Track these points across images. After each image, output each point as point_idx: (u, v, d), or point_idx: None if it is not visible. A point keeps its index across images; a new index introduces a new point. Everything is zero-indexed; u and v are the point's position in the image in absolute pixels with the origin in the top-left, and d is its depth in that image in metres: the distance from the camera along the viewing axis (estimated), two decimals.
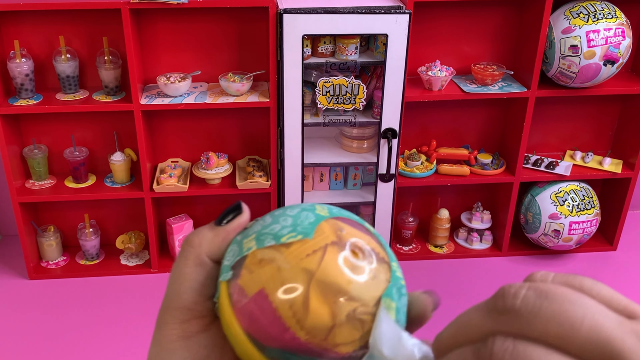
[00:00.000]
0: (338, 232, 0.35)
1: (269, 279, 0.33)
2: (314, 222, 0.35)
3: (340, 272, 0.33)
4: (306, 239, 0.34)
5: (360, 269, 0.33)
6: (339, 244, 0.34)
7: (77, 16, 2.17)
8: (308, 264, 0.33)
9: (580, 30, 2.11)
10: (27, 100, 2.17)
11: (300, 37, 2.03)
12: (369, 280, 0.33)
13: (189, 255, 0.36)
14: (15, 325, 2.20)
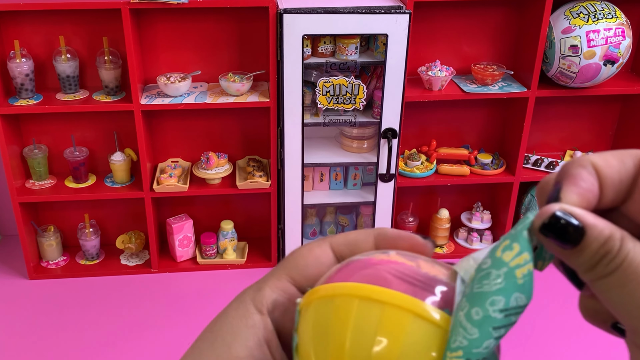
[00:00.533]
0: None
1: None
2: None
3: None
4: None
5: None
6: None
7: (77, 16, 2.17)
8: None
9: (580, 30, 2.11)
10: (27, 100, 2.17)
11: (300, 37, 2.03)
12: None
13: (258, 321, 0.33)
14: (15, 325, 2.20)
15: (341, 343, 0.30)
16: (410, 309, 0.30)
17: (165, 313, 2.26)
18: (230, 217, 2.55)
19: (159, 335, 2.16)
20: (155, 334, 2.16)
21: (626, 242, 0.27)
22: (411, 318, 0.29)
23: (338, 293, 0.31)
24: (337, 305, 0.31)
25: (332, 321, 0.31)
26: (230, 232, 2.47)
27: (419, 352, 0.29)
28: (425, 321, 0.29)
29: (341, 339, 0.30)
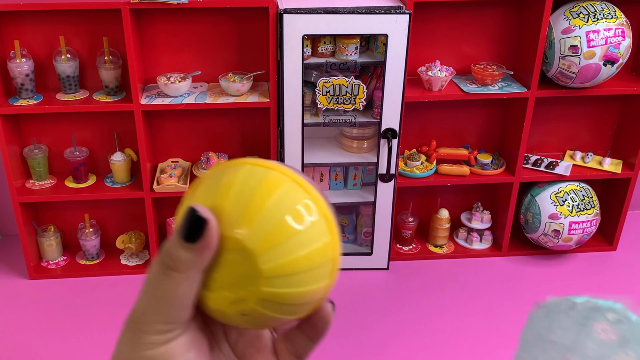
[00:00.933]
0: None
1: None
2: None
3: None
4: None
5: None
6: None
7: (78, 16, 2.17)
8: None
9: (580, 31, 2.11)
10: (28, 100, 2.17)
11: (300, 37, 2.03)
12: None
13: (178, 279, 0.35)
14: (16, 325, 2.20)
15: (229, 184, 0.36)
16: (291, 176, 0.38)
17: None
18: None
19: None
20: None
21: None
22: (289, 181, 0.38)
23: (230, 164, 0.39)
24: (228, 166, 0.38)
25: (225, 174, 0.37)
26: None
27: (290, 201, 0.36)
28: (301, 188, 0.37)
29: (230, 182, 0.36)
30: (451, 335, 2.17)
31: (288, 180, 0.37)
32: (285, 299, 0.36)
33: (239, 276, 0.36)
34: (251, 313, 0.37)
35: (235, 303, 0.36)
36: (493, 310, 2.30)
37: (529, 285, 2.45)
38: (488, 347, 2.13)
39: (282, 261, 0.35)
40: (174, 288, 0.35)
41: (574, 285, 2.45)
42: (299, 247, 0.36)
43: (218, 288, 0.36)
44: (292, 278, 0.36)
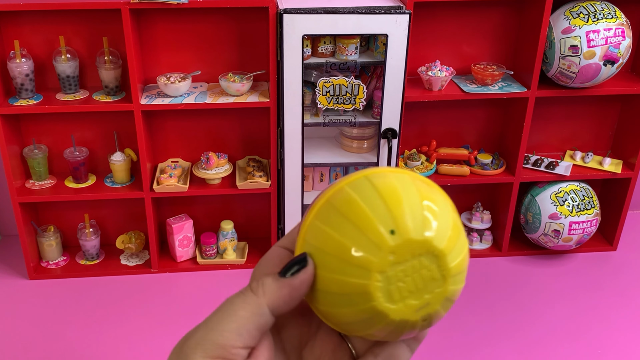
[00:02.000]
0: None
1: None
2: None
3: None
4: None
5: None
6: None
7: (77, 16, 2.17)
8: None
9: (580, 31, 2.11)
10: (27, 100, 2.17)
11: (300, 37, 2.03)
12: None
13: (250, 301, 0.35)
14: (15, 325, 2.20)
15: (392, 194, 0.38)
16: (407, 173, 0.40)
17: (165, 313, 2.26)
18: (230, 217, 2.55)
19: (158, 335, 2.16)
20: (155, 334, 2.16)
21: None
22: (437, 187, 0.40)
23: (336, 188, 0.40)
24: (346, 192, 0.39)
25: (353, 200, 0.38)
26: (230, 232, 2.47)
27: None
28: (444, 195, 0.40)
29: (392, 191, 0.38)
30: (451, 335, 2.17)
31: (436, 186, 0.40)
32: (457, 294, 0.38)
33: (426, 280, 0.37)
34: (431, 316, 0.38)
35: (421, 309, 0.37)
36: (493, 310, 2.30)
37: (529, 285, 2.44)
38: (487, 346, 2.13)
39: (460, 258, 0.38)
40: (242, 306, 0.35)
41: (574, 285, 2.45)
42: (464, 246, 0.38)
43: (404, 298, 0.37)
44: (462, 275, 0.38)
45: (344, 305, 0.37)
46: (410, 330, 0.38)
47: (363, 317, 0.37)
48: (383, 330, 0.38)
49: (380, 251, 0.36)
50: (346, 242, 0.36)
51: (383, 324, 0.37)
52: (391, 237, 0.36)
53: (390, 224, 0.36)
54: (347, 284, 0.36)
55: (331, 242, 0.37)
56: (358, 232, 0.36)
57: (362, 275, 0.36)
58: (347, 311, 0.37)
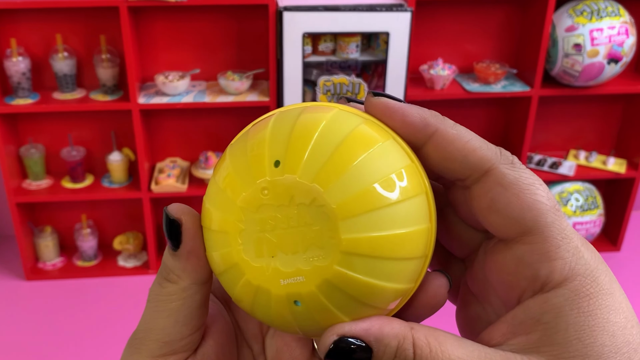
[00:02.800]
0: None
1: None
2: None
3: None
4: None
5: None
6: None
7: (75, 14, 2.15)
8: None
9: (583, 29, 2.09)
10: (24, 99, 2.15)
11: (300, 35, 2.01)
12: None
13: (172, 290, 0.30)
14: (12, 327, 2.17)
15: (311, 126, 0.28)
16: (391, 134, 0.30)
17: None
18: None
19: None
20: None
21: (418, 344, 0.26)
22: (390, 139, 0.29)
23: (315, 104, 0.31)
24: (312, 105, 0.30)
25: (306, 112, 0.29)
26: None
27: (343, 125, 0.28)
28: (403, 151, 0.29)
29: (312, 123, 0.28)
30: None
31: (388, 138, 0.29)
32: (356, 288, 0.26)
33: (304, 244, 0.26)
34: (306, 301, 0.27)
35: (288, 282, 0.27)
36: None
37: None
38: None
39: (365, 236, 0.26)
40: (167, 300, 0.30)
41: None
42: (388, 224, 0.26)
43: (267, 255, 0.27)
44: (372, 262, 0.26)
45: (231, 283, 0.29)
46: (268, 313, 0.28)
47: (251, 298, 0.28)
48: (246, 299, 0.28)
49: (253, 181, 0.27)
50: (229, 169, 0.28)
51: (241, 285, 0.28)
52: (272, 168, 0.27)
53: (280, 154, 0.27)
54: (217, 258, 0.29)
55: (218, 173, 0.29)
56: (244, 160, 0.28)
57: (228, 209, 0.28)
58: (238, 294, 0.29)
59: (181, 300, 0.30)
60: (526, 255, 0.27)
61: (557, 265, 0.26)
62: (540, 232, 0.26)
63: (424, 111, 0.29)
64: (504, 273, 0.28)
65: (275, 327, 0.29)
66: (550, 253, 0.26)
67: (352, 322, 0.27)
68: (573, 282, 0.26)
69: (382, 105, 0.29)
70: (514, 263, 0.27)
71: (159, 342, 0.30)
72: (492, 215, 0.27)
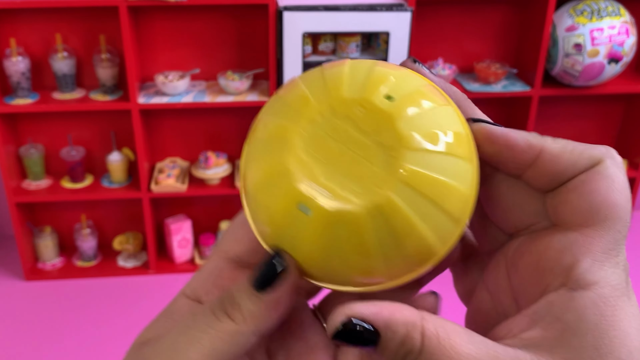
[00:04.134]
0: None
1: None
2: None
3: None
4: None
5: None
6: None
7: (74, 14, 2.14)
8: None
9: (584, 29, 2.09)
10: (24, 99, 2.14)
11: (300, 35, 2.00)
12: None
13: (225, 328, 0.27)
14: (11, 327, 2.17)
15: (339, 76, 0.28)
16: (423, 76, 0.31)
17: None
18: (229, 217, 2.52)
19: None
20: None
21: (427, 334, 0.25)
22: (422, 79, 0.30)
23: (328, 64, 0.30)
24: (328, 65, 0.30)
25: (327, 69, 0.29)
26: None
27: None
28: (436, 90, 0.30)
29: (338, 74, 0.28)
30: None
31: (452, 104, 0.30)
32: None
33: (365, 156, 0.26)
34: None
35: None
36: None
37: None
38: None
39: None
40: (218, 338, 0.27)
41: None
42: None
43: (336, 179, 0.26)
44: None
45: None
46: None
47: (274, 175, 0.26)
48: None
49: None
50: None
51: (285, 193, 0.26)
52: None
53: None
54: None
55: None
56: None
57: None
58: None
59: (230, 344, 0.27)
60: (576, 244, 0.26)
61: (596, 267, 0.26)
62: (605, 230, 0.26)
63: (526, 133, 0.29)
64: (539, 260, 0.27)
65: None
66: (598, 253, 0.26)
67: (362, 303, 0.26)
68: (604, 288, 0.25)
69: (484, 130, 0.29)
70: (557, 249, 0.27)
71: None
72: (573, 196, 0.27)
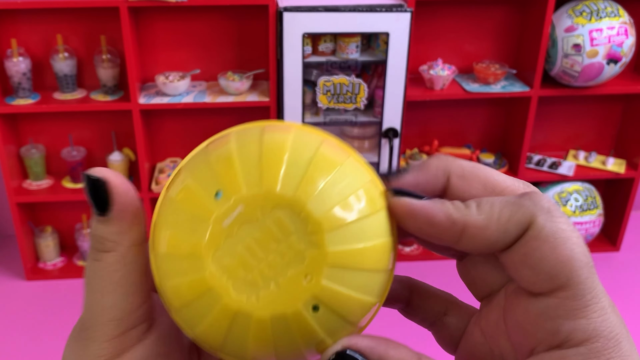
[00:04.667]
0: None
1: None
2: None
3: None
4: None
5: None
6: None
7: (75, 14, 2.15)
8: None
9: (583, 29, 2.09)
10: (25, 100, 2.15)
11: (300, 35, 2.01)
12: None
13: (111, 260, 0.27)
14: (12, 327, 2.17)
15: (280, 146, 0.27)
16: (351, 153, 0.29)
17: None
18: None
19: None
20: None
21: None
22: (351, 158, 0.28)
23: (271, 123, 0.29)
24: (269, 125, 0.29)
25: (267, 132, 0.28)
26: None
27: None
28: (365, 170, 0.28)
29: (281, 143, 0.27)
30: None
31: (350, 155, 0.28)
32: (341, 303, 0.26)
33: (285, 261, 0.25)
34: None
35: (272, 302, 0.25)
36: None
37: None
38: None
39: (349, 248, 0.25)
40: (109, 273, 0.27)
41: None
42: (365, 236, 0.26)
43: (248, 275, 0.25)
44: (355, 275, 0.26)
45: (198, 315, 0.26)
46: (254, 344, 0.26)
47: (225, 327, 0.26)
48: (219, 331, 0.26)
49: (225, 197, 0.25)
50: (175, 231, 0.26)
51: (216, 314, 0.25)
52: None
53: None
54: (185, 285, 0.26)
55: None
56: (210, 174, 0.26)
57: (194, 229, 0.25)
58: (207, 327, 0.26)
59: (125, 267, 0.27)
60: (551, 309, 0.26)
61: (581, 324, 0.25)
62: (572, 289, 0.25)
63: (447, 207, 0.27)
64: (522, 321, 0.27)
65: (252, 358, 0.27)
66: (577, 311, 0.25)
67: (358, 336, 0.26)
68: (595, 343, 0.25)
69: (404, 206, 0.27)
70: (536, 314, 0.26)
71: (112, 322, 0.27)
72: (524, 269, 0.26)
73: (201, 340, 0.27)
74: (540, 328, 0.26)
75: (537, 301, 0.26)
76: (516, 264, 0.27)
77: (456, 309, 0.34)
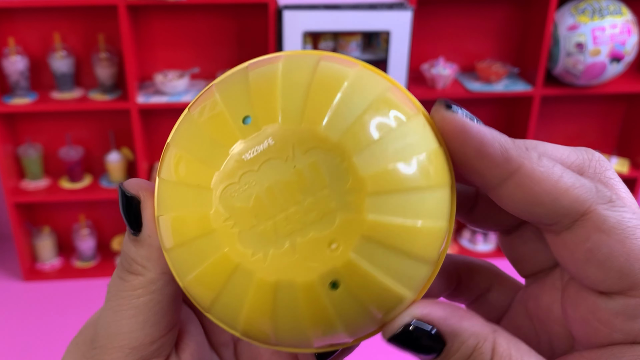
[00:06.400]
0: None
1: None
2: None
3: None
4: None
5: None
6: None
7: (73, 13, 2.14)
8: None
9: (585, 28, 2.08)
10: (22, 99, 2.13)
11: (300, 34, 1.99)
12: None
13: (137, 284, 0.25)
14: (10, 328, 2.16)
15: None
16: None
17: None
18: None
19: None
20: None
21: (499, 350, 0.22)
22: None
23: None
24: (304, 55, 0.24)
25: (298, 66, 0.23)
26: None
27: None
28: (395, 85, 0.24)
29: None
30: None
31: (419, 113, 0.24)
32: (369, 289, 0.21)
33: (310, 214, 0.20)
34: (345, 276, 0.20)
35: (319, 259, 0.20)
36: None
37: None
38: None
39: (393, 222, 0.20)
40: (132, 297, 0.25)
41: None
42: (417, 213, 0.21)
43: (282, 237, 0.20)
44: (392, 258, 0.21)
45: (192, 261, 0.22)
46: (254, 310, 0.21)
47: (219, 283, 0.21)
48: (213, 285, 0.21)
49: (225, 148, 0.21)
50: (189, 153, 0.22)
51: (212, 263, 0.21)
52: (285, 113, 0.21)
53: (246, 109, 0.21)
54: (186, 220, 0.22)
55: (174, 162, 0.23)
56: (244, 99, 0.22)
57: (200, 200, 0.21)
58: (200, 276, 0.22)
59: (149, 295, 0.25)
60: (630, 309, 0.23)
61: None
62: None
63: (506, 140, 0.24)
64: (591, 318, 0.24)
65: (244, 327, 0.22)
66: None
67: (430, 303, 0.22)
68: None
69: (458, 124, 0.23)
70: (611, 313, 0.23)
71: (125, 348, 0.25)
72: (590, 267, 0.23)
73: (191, 292, 0.23)
74: (617, 328, 0.23)
75: (610, 301, 0.23)
76: (580, 262, 0.23)
77: (501, 284, 0.30)
